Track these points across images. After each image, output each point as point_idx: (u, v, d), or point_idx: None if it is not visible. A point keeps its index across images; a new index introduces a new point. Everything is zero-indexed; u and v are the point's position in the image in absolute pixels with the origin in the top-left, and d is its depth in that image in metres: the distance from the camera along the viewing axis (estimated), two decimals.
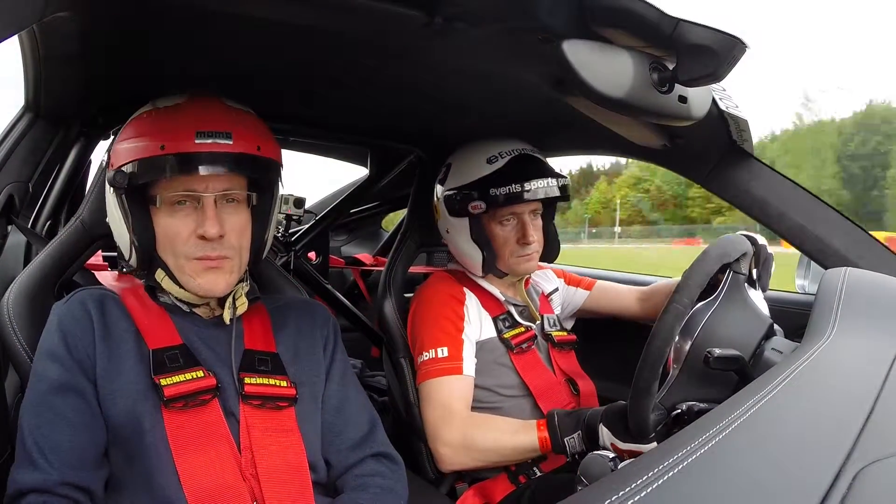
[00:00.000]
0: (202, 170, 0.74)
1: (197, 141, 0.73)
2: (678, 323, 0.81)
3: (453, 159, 1.23)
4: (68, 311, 0.77)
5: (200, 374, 0.76)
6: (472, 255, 1.19)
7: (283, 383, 0.81)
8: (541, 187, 1.12)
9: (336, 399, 0.87)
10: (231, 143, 0.74)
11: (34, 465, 0.68)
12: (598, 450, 0.88)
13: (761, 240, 0.99)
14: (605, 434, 0.93)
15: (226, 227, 0.77)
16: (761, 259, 0.98)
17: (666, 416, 0.84)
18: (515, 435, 1.04)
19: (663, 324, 0.80)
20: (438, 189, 1.25)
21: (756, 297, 0.94)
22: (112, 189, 0.77)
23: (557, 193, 1.15)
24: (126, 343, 0.76)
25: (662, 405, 0.84)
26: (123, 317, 0.78)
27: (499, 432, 1.05)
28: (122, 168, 0.75)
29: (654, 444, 0.85)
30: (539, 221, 1.20)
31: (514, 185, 1.11)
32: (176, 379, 0.74)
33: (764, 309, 0.93)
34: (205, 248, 0.76)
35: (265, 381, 0.80)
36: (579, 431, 0.98)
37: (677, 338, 0.85)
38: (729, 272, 0.90)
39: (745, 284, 0.92)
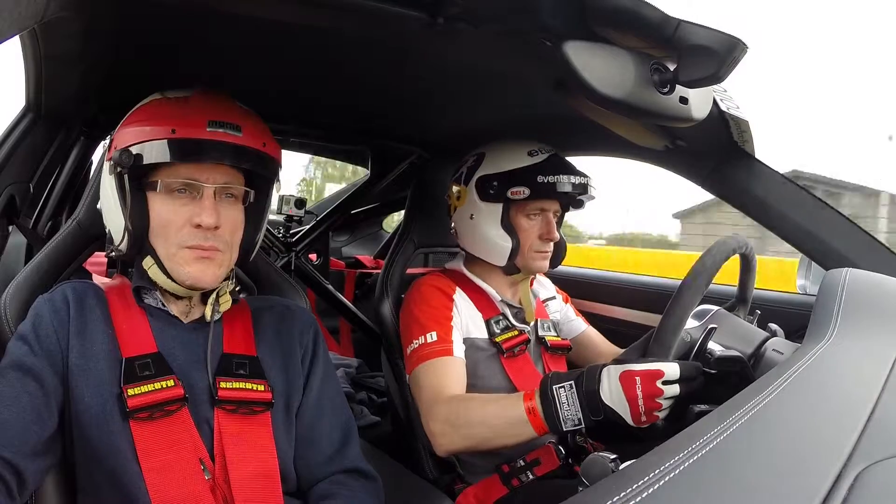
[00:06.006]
0: (209, 158, 0.75)
1: (208, 129, 0.74)
2: (696, 298, 0.85)
3: (486, 150, 1.23)
4: (48, 302, 0.77)
5: (171, 383, 0.75)
6: (499, 243, 1.18)
7: (261, 387, 0.80)
8: (582, 184, 1.16)
9: (309, 415, 0.85)
10: (240, 135, 0.75)
11: None
12: (593, 402, 0.86)
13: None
14: (611, 370, 0.87)
15: (221, 220, 0.77)
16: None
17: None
18: (503, 402, 0.99)
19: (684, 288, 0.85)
20: (463, 176, 1.23)
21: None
22: (111, 171, 0.77)
23: (594, 196, 1.19)
24: (100, 344, 0.76)
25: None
26: (103, 317, 0.78)
27: (486, 403, 1.01)
28: (129, 148, 0.74)
29: (675, 363, 0.84)
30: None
31: (561, 176, 1.14)
32: (143, 389, 0.73)
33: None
34: (198, 237, 0.76)
35: (241, 385, 0.79)
36: (571, 381, 0.90)
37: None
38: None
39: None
